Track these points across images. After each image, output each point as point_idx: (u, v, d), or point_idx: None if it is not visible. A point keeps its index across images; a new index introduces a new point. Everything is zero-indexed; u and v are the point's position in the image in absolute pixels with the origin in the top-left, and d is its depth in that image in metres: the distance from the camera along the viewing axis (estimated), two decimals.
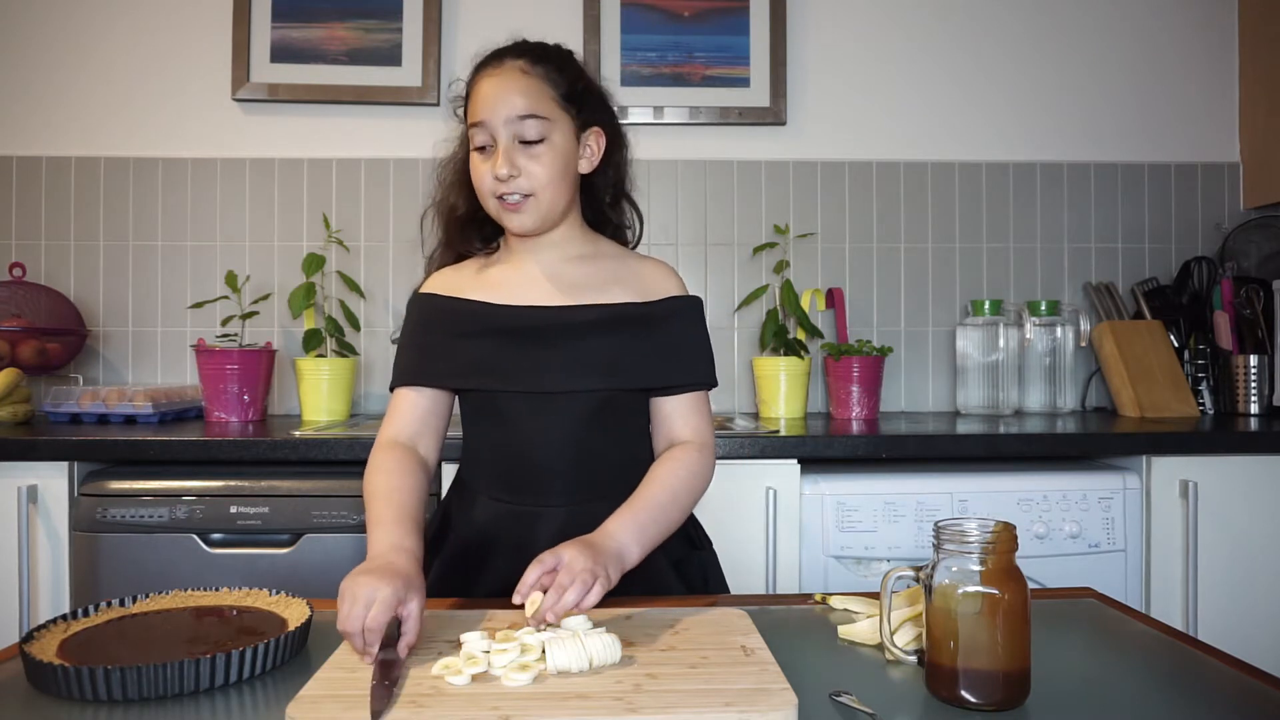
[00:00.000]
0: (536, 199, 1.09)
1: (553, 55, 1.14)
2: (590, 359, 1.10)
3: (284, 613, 0.89)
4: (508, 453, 1.13)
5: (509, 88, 1.08)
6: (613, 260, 1.19)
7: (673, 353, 1.14)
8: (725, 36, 2.30)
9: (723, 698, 0.69)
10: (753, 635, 0.83)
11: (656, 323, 1.14)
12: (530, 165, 1.08)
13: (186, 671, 0.72)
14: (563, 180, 1.11)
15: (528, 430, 1.11)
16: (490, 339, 1.12)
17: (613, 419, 1.13)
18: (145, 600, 0.91)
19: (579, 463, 1.11)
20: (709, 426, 1.16)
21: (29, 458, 1.63)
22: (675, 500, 1.07)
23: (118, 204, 2.26)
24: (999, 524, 0.73)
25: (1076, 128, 2.37)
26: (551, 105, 1.10)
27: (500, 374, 1.10)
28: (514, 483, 1.13)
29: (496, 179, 1.08)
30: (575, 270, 1.16)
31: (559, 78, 1.11)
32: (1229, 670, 0.80)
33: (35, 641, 0.80)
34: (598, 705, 0.67)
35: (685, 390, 1.14)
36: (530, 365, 1.10)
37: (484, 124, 1.09)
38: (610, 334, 1.11)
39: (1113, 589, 1.66)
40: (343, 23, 2.26)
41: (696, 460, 1.11)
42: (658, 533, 1.03)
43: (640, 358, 1.12)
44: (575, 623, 0.81)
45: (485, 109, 1.08)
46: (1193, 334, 2.23)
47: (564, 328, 1.11)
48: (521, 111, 1.07)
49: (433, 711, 0.66)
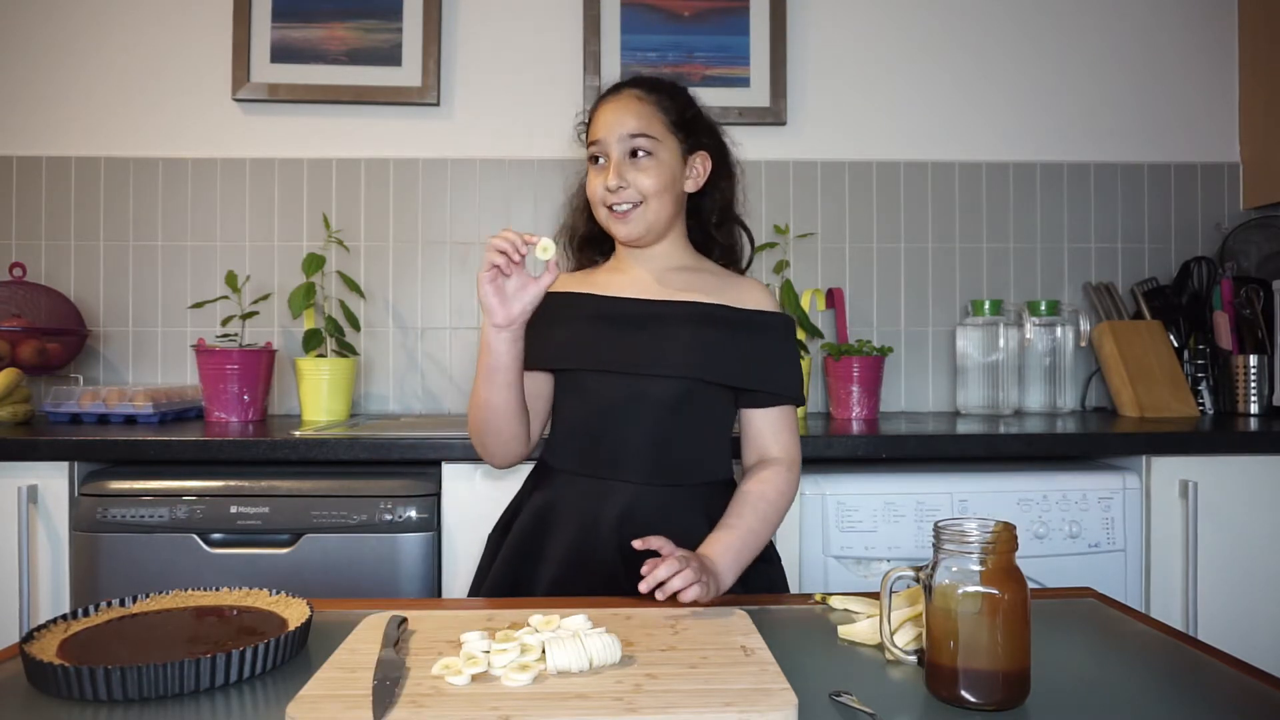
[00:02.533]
0: (643, 208, 1.20)
1: (665, 86, 1.27)
2: (677, 347, 1.17)
3: (284, 613, 0.89)
4: (587, 429, 1.20)
5: (624, 110, 1.21)
6: (713, 275, 1.28)
7: (761, 361, 1.20)
8: (725, 36, 2.30)
9: (723, 698, 0.69)
10: (753, 635, 0.83)
11: (747, 329, 1.21)
12: (638, 177, 1.19)
13: (186, 671, 0.72)
14: (667, 193, 1.21)
15: (609, 408, 1.18)
16: (583, 323, 1.21)
17: (693, 411, 1.18)
18: (145, 600, 0.91)
19: (655, 446, 1.17)
20: (797, 444, 1.22)
21: (29, 458, 1.63)
22: (766, 523, 1.14)
23: (118, 204, 2.26)
24: (999, 524, 0.73)
25: (1076, 128, 2.37)
26: (660, 127, 1.22)
27: (589, 353, 1.19)
28: (589, 458, 1.20)
29: (607, 189, 1.19)
30: (675, 277, 1.25)
31: (670, 104, 1.24)
32: (1229, 670, 0.80)
33: (35, 641, 0.80)
34: (598, 705, 0.67)
35: (773, 404, 1.20)
36: (619, 346, 1.18)
37: (600, 142, 1.22)
38: (699, 327, 1.18)
39: (1113, 589, 1.66)
40: (343, 23, 2.27)
41: (786, 481, 1.18)
42: (750, 557, 1.10)
43: (727, 356, 1.18)
44: (575, 623, 0.81)
45: (602, 129, 1.22)
46: (1192, 334, 2.23)
47: (655, 316, 1.19)
48: (633, 130, 1.20)
49: (432, 711, 0.66)
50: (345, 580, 1.60)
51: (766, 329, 1.22)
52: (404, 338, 2.29)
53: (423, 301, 2.30)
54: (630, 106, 1.21)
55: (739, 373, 1.18)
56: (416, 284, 2.30)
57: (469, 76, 2.30)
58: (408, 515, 1.61)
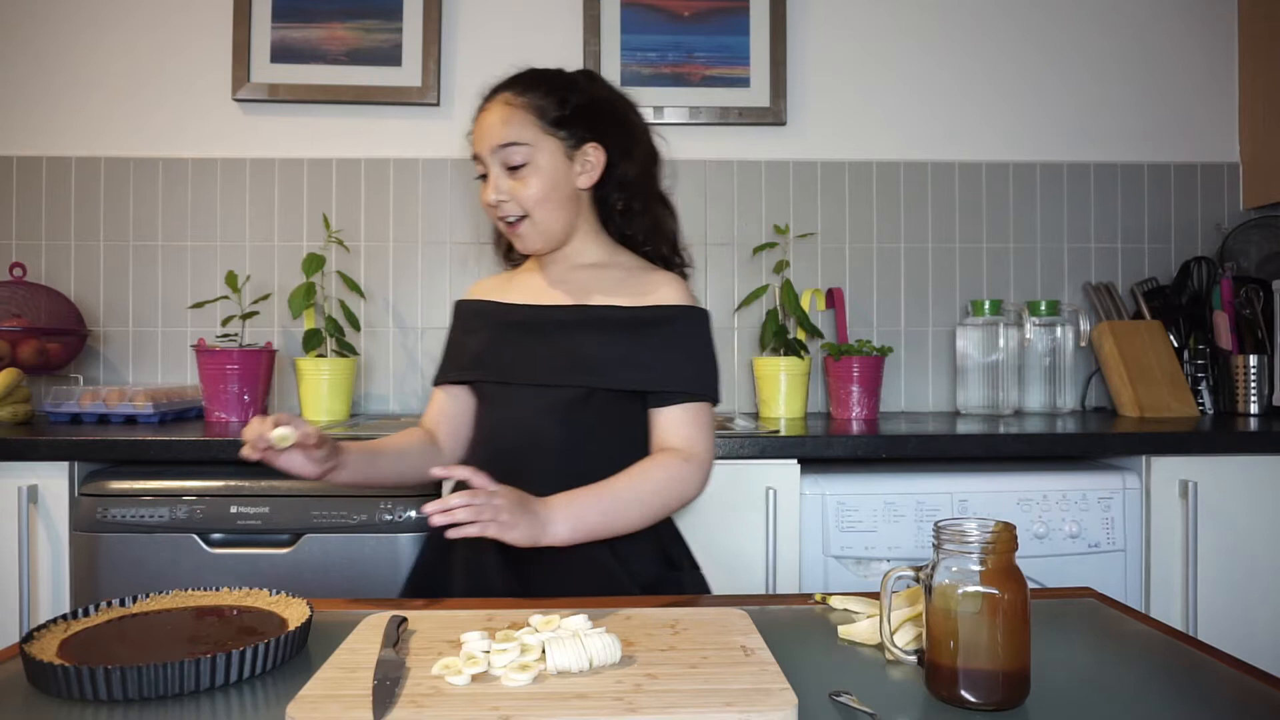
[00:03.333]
0: (531, 219, 1.16)
1: (542, 81, 1.19)
2: (569, 356, 1.14)
3: (284, 613, 0.89)
4: (491, 440, 1.19)
5: (493, 120, 1.17)
6: (624, 270, 1.22)
7: (663, 360, 1.14)
8: (725, 36, 2.30)
9: (723, 698, 0.68)
10: (753, 635, 0.83)
11: (647, 327, 1.15)
12: (516, 188, 1.15)
13: (186, 671, 0.72)
14: (552, 199, 1.16)
15: (510, 419, 1.17)
16: (489, 333, 1.20)
17: (597, 420, 1.14)
18: (145, 600, 0.91)
19: (554, 456, 1.14)
20: (704, 440, 1.14)
21: (29, 458, 1.63)
22: (639, 498, 1.06)
23: (118, 204, 2.26)
24: (999, 524, 0.73)
25: (1076, 128, 2.37)
26: (534, 131, 1.16)
27: (495, 364, 1.18)
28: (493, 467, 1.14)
29: (487, 203, 1.17)
30: (582, 277, 1.21)
31: (545, 102, 1.17)
32: (1229, 670, 0.80)
33: (35, 641, 0.80)
34: (598, 705, 0.67)
35: (679, 400, 1.14)
36: (520, 357, 1.16)
37: (478, 156, 1.19)
38: (596, 333, 1.15)
39: (1113, 589, 1.66)
40: (343, 23, 2.26)
41: (679, 467, 1.09)
42: (601, 522, 1.03)
43: (628, 360, 1.13)
44: (575, 623, 0.81)
45: (476, 142, 1.19)
46: (1192, 334, 2.23)
47: (554, 324, 1.16)
48: (502, 140, 1.15)
49: (432, 711, 0.66)
50: (345, 580, 1.60)
51: (670, 325, 1.16)
52: (404, 338, 2.29)
53: (423, 301, 2.30)
54: (499, 114, 1.16)
55: (641, 376, 1.13)
56: (416, 284, 2.30)
57: (469, 76, 2.30)
58: (408, 515, 1.62)
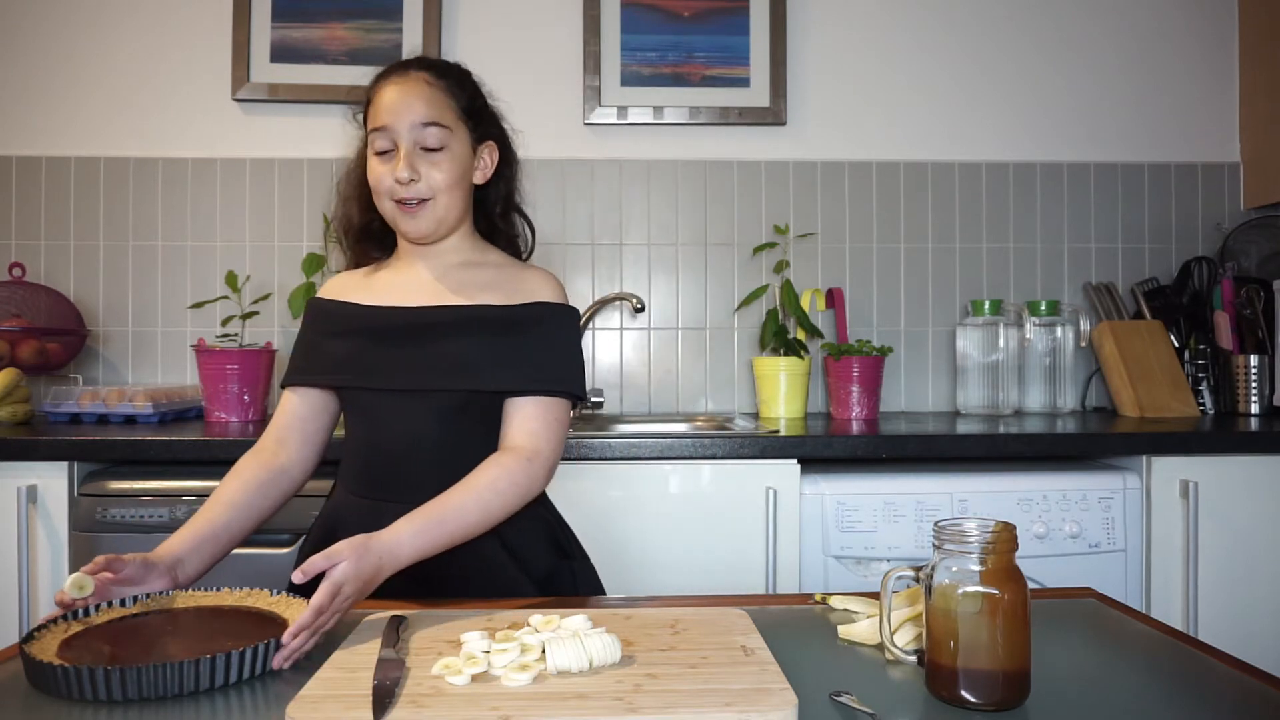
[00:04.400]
0: (434, 203, 1.14)
1: (454, 72, 1.19)
2: (445, 359, 1.12)
3: (284, 613, 0.89)
4: (366, 448, 1.16)
5: (414, 94, 1.13)
6: (496, 268, 1.21)
7: (530, 356, 1.13)
8: (725, 36, 2.30)
9: (722, 698, 0.68)
10: (753, 635, 0.83)
11: (518, 326, 1.14)
12: (430, 171, 1.13)
13: (186, 672, 0.72)
14: (458, 187, 1.15)
15: (385, 426, 1.14)
16: (357, 337, 1.16)
17: (474, 422, 1.13)
18: (146, 600, 0.91)
19: (435, 462, 1.12)
20: (550, 435, 1.11)
21: (29, 458, 1.63)
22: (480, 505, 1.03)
23: (118, 204, 2.26)
24: (999, 524, 0.73)
25: (1076, 128, 2.37)
26: (452, 116, 1.15)
27: (362, 370, 1.14)
28: (369, 477, 1.15)
29: (397, 182, 1.12)
30: (456, 275, 1.19)
31: (460, 92, 1.16)
32: (1229, 670, 0.80)
33: (35, 641, 0.80)
34: (598, 705, 0.67)
35: (535, 394, 1.12)
36: (391, 362, 1.13)
37: (387, 128, 1.12)
38: (470, 335, 1.13)
39: (1113, 589, 1.66)
40: (343, 23, 2.26)
41: (520, 470, 1.07)
42: (447, 540, 1.01)
43: (499, 361, 1.12)
44: (575, 623, 0.81)
45: (389, 114, 1.12)
46: (1193, 334, 2.23)
47: (426, 327, 1.14)
48: (425, 118, 1.12)
49: (432, 711, 0.66)
50: None
51: (541, 323, 1.15)
52: None
53: None
54: (421, 91, 1.12)
55: (512, 375, 1.11)
56: None
57: None
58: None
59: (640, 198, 2.33)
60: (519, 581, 1.12)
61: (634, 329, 2.32)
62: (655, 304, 2.32)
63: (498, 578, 1.12)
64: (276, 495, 1.16)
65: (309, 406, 1.20)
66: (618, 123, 2.30)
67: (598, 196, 2.32)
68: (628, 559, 1.67)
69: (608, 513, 1.67)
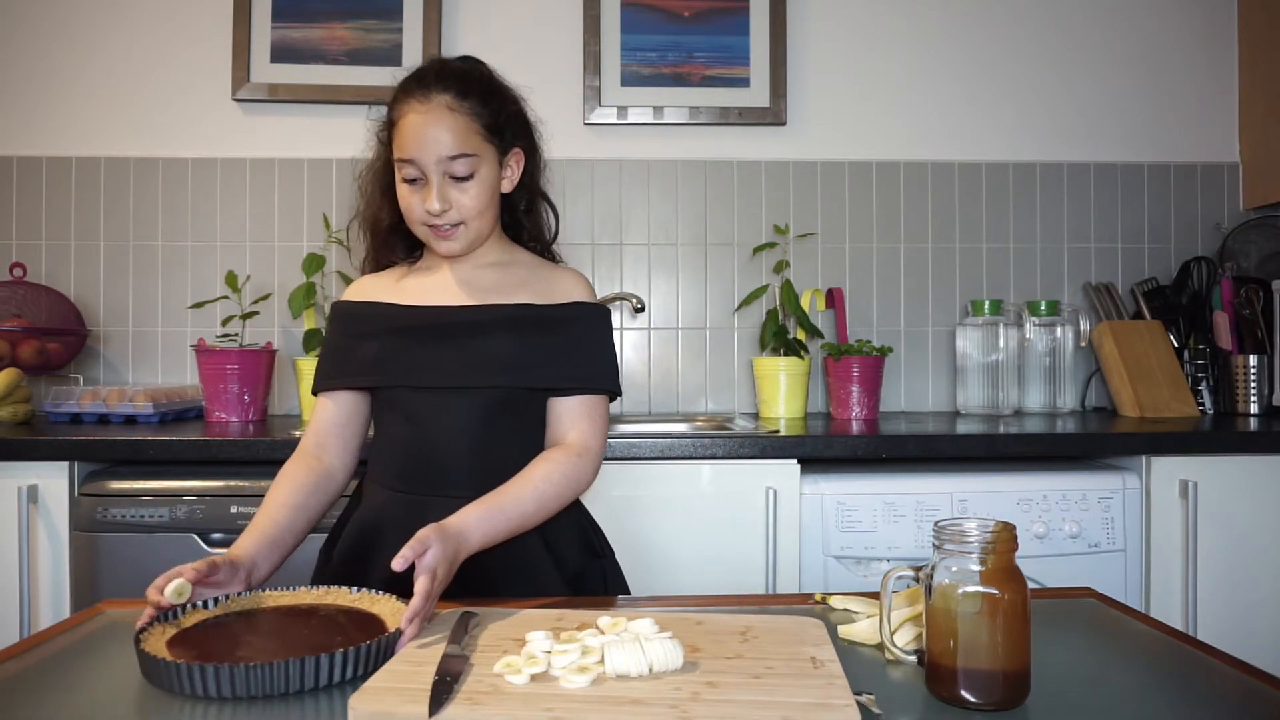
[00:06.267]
0: (466, 227, 1.15)
1: (476, 84, 1.16)
2: (489, 356, 1.14)
3: (370, 608, 0.91)
4: (407, 445, 1.16)
5: (438, 125, 1.11)
6: (526, 268, 1.24)
7: (570, 355, 1.17)
8: (725, 36, 2.30)
9: (780, 711, 0.67)
10: (825, 646, 0.80)
11: (557, 325, 1.18)
12: (460, 198, 1.13)
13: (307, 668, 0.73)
14: (490, 208, 1.17)
15: (427, 424, 1.15)
16: (396, 337, 1.17)
17: (512, 418, 1.16)
18: (226, 602, 0.92)
19: (475, 457, 1.14)
20: (596, 432, 1.18)
21: (29, 458, 1.63)
22: (539, 503, 1.09)
23: (118, 204, 2.26)
24: (999, 524, 0.73)
25: (1076, 128, 2.37)
26: (478, 140, 1.14)
27: (402, 369, 1.15)
28: (411, 473, 1.16)
29: (429, 212, 1.12)
30: (487, 276, 1.20)
31: (483, 109, 1.15)
32: (1229, 670, 0.80)
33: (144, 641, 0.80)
34: (651, 711, 0.67)
35: (579, 393, 1.17)
36: (431, 361, 1.14)
37: (414, 161, 1.12)
38: (510, 333, 1.15)
39: (1113, 589, 1.66)
40: (343, 23, 2.26)
41: (571, 465, 1.13)
42: (507, 532, 1.06)
43: (539, 359, 1.15)
44: (641, 626, 0.81)
45: (414, 147, 1.11)
46: (1192, 334, 2.23)
47: (465, 326, 1.15)
48: (451, 151, 1.12)
49: (487, 709, 0.67)
50: None
51: (578, 322, 1.18)
52: None
53: None
54: (445, 121, 1.11)
55: (553, 373, 1.15)
56: None
57: None
58: None
59: (640, 198, 2.33)
60: (552, 579, 1.14)
61: (634, 329, 2.32)
62: (655, 304, 2.32)
63: (533, 575, 1.14)
64: (325, 498, 1.18)
65: (345, 411, 1.21)
66: (618, 123, 2.30)
67: (598, 196, 2.32)
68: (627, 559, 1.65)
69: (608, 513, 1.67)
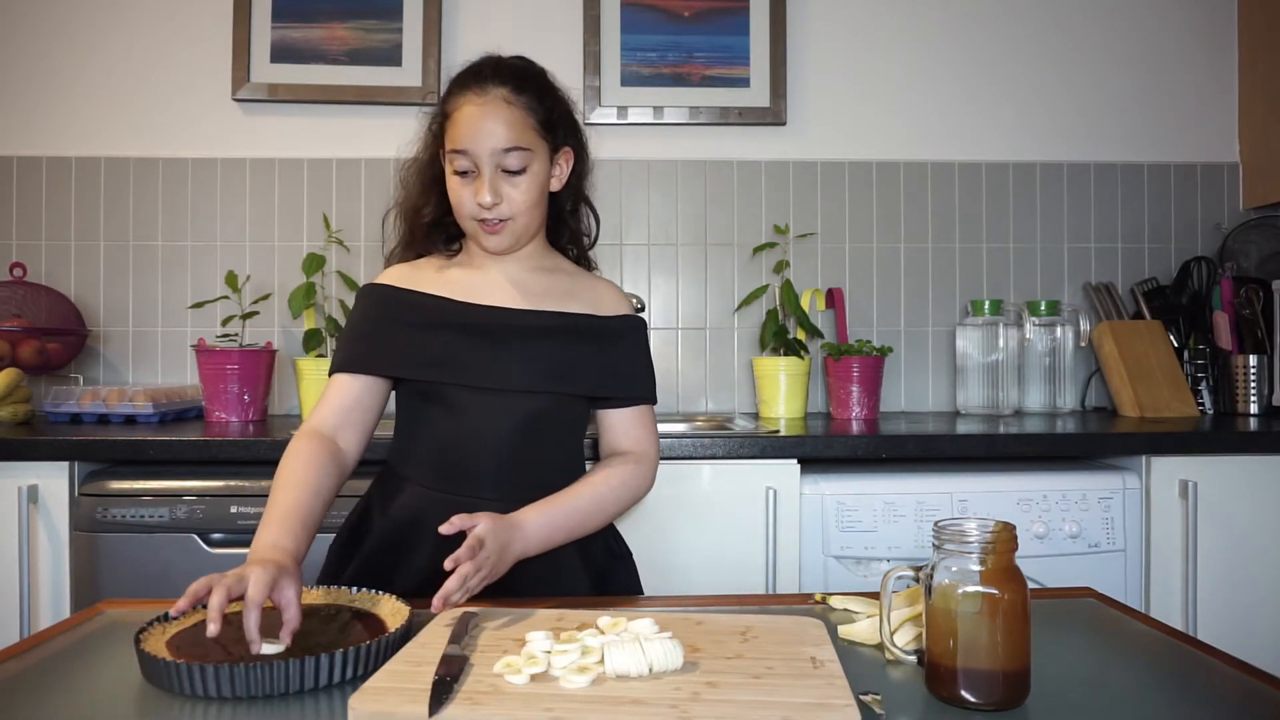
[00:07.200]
0: (514, 222, 1.15)
1: (532, 80, 1.17)
2: (543, 362, 1.15)
3: (372, 609, 0.90)
4: (447, 444, 1.16)
5: (495, 117, 1.12)
6: (569, 276, 1.25)
7: (619, 368, 1.20)
8: (725, 36, 2.30)
9: (780, 711, 0.67)
10: (824, 646, 0.81)
11: (608, 337, 1.20)
12: (512, 193, 1.13)
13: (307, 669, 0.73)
14: (539, 205, 1.18)
15: (472, 423, 1.14)
16: (446, 332, 1.16)
17: (555, 423, 1.18)
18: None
19: (516, 460, 1.15)
20: (651, 439, 1.22)
21: (29, 458, 1.63)
22: (598, 505, 1.13)
23: (118, 204, 2.26)
24: (999, 524, 0.73)
25: (1076, 128, 2.37)
26: (533, 135, 1.14)
27: (452, 366, 1.14)
28: (449, 473, 1.16)
29: (480, 205, 1.12)
30: (535, 280, 1.21)
31: (538, 105, 1.15)
32: (1229, 670, 0.80)
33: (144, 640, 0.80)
34: (651, 711, 0.67)
35: (628, 405, 1.21)
36: (484, 361, 1.14)
37: (467, 153, 1.12)
38: (564, 341, 1.17)
39: (1113, 589, 1.66)
40: (343, 23, 2.26)
41: (631, 473, 1.17)
42: (567, 532, 1.09)
43: (589, 368, 1.17)
44: (641, 626, 0.81)
45: (469, 138, 1.12)
46: (1192, 334, 2.23)
47: (521, 330, 1.16)
48: (506, 144, 1.12)
49: (487, 710, 0.67)
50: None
51: (622, 334, 1.22)
52: None
53: None
54: (500, 113, 1.12)
55: (598, 383, 1.19)
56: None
57: None
58: None
59: (640, 198, 2.33)
60: (578, 579, 1.16)
61: None
62: (655, 304, 2.32)
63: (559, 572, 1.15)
64: (339, 481, 1.13)
65: (370, 394, 1.18)
66: (618, 123, 2.30)
67: (598, 196, 2.30)
68: None
69: None
